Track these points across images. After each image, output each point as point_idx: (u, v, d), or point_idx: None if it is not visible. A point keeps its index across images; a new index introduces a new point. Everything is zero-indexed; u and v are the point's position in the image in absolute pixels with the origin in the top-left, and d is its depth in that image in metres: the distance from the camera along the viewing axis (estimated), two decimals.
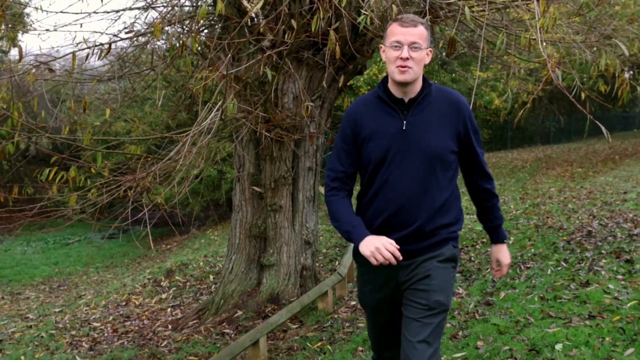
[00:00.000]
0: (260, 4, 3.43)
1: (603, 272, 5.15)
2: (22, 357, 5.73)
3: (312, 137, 5.56)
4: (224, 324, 5.42)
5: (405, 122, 2.44)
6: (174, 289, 7.60)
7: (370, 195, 2.48)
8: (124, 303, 7.49)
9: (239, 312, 5.46)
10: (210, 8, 6.12)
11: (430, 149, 2.41)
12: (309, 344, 4.69)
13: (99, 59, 7.71)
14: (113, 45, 6.35)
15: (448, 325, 4.48)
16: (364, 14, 3.85)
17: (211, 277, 7.80)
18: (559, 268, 5.57)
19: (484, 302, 4.95)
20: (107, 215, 18.71)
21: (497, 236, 2.71)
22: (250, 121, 4.89)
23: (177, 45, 5.11)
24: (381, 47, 2.48)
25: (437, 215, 2.45)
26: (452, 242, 2.50)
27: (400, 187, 2.41)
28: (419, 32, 2.37)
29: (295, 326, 5.33)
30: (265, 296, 5.50)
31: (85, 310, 7.53)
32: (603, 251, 5.85)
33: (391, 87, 2.46)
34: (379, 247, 2.27)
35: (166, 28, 5.64)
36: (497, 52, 4.07)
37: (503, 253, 2.72)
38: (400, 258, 2.31)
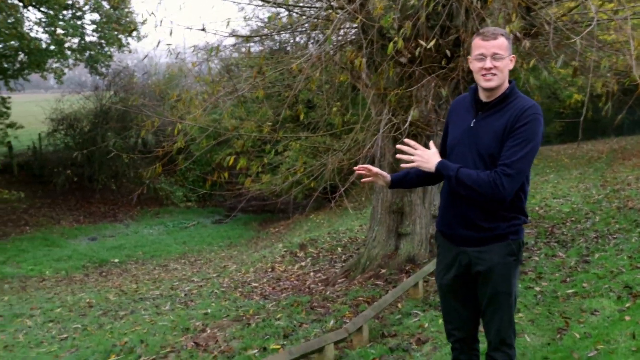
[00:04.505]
0: (433, 42, 4.98)
1: None
2: (213, 304, 7.51)
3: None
4: (372, 279, 7.01)
5: (474, 120, 2.79)
6: (309, 258, 9.28)
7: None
8: (270, 269, 9.22)
9: (383, 270, 7.05)
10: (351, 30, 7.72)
11: (482, 149, 2.70)
12: None
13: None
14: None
15: (556, 274, 5.92)
16: None
17: (339, 249, 9.45)
18: None
19: (582, 260, 6.34)
20: (209, 203, 20.74)
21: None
22: (399, 120, 6.45)
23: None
24: (468, 58, 2.84)
25: (485, 210, 2.74)
26: (511, 236, 2.77)
27: None
28: (499, 44, 2.64)
29: None
30: (403, 258, 7.07)
31: (239, 275, 9.32)
32: None
33: (480, 89, 2.79)
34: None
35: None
36: (601, 71, 5.38)
37: None
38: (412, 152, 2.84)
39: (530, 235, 7.95)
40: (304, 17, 7.75)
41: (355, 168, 3.09)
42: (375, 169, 3.04)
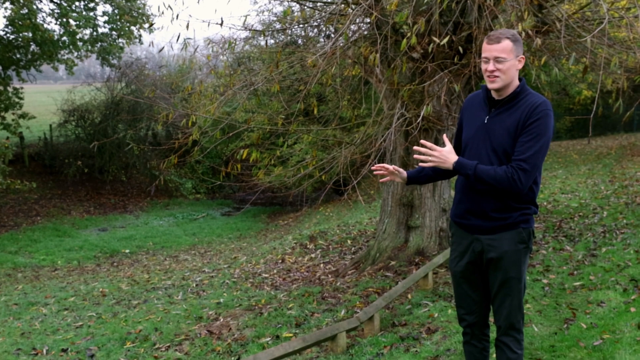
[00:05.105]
0: (447, 39, 5.07)
1: None
2: (225, 294, 7.64)
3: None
4: (381, 270, 7.13)
5: (488, 117, 2.93)
6: (319, 250, 9.40)
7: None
8: (280, 261, 9.34)
9: (393, 262, 7.16)
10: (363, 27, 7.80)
11: (496, 145, 2.85)
12: None
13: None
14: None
15: (564, 267, 6.02)
16: None
17: (349, 241, 9.56)
18: None
19: (590, 254, 6.43)
20: (218, 195, 20.90)
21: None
22: (411, 115, 6.54)
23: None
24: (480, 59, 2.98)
25: (499, 203, 2.88)
26: (522, 224, 2.91)
27: None
28: (502, 47, 2.75)
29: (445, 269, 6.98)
30: (412, 250, 7.18)
31: (250, 266, 9.45)
32: None
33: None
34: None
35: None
36: (612, 68, 5.45)
37: None
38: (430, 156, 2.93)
39: (539, 230, 8.04)
40: (316, 12, 7.84)
41: (373, 168, 3.21)
42: (392, 167, 3.17)
